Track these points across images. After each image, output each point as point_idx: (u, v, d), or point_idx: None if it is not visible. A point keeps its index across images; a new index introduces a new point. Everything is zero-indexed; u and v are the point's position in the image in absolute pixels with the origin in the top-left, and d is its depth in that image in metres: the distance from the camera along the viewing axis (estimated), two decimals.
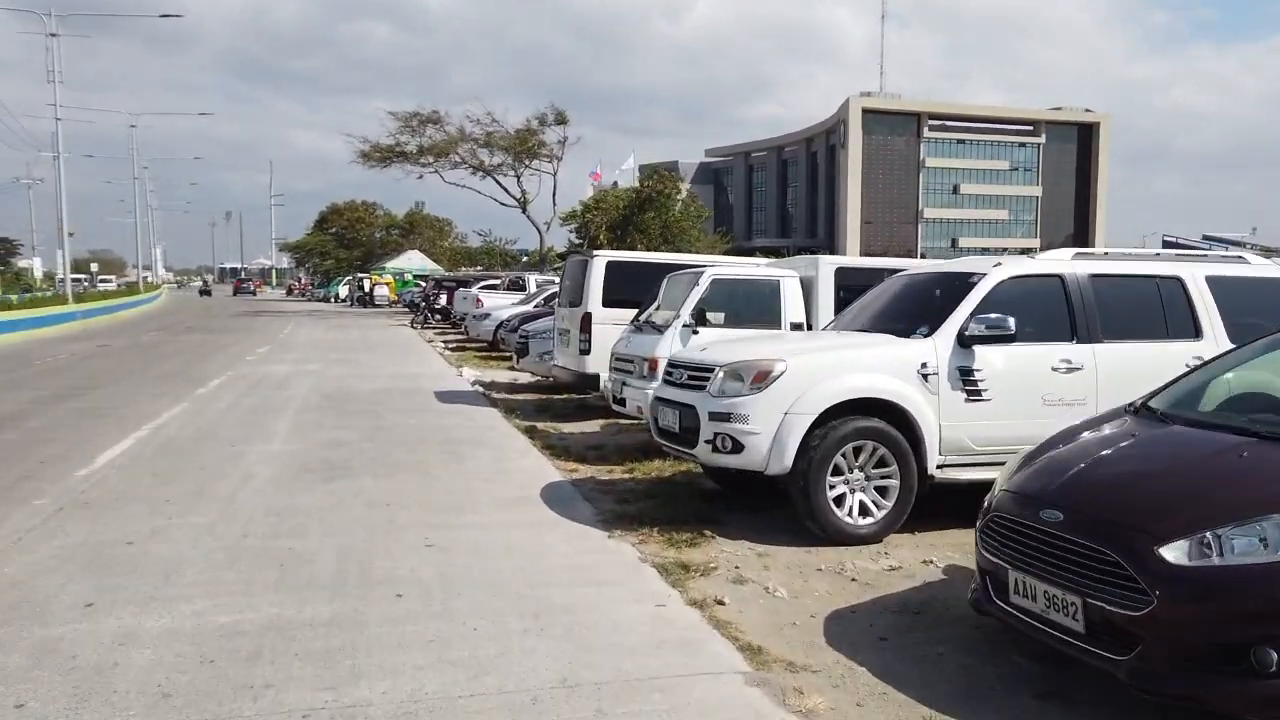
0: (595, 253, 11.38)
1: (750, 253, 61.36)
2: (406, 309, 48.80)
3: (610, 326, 11.15)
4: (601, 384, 11.07)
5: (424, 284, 55.04)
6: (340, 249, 72.42)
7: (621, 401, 9.09)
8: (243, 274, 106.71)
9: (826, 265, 8.86)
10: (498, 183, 40.96)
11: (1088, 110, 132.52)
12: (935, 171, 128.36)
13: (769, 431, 5.59)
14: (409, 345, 23.99)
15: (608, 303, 11.25)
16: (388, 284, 55.07)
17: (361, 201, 71.67)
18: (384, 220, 71.64)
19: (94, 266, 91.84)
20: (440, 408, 11.90)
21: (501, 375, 16.99)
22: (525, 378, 15.73)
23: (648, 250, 44.58)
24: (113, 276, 75.02)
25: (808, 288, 8.91)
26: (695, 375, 6.20)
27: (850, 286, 8.92)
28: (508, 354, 20.50)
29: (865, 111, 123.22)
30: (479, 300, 26.06)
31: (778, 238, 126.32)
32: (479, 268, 64.51)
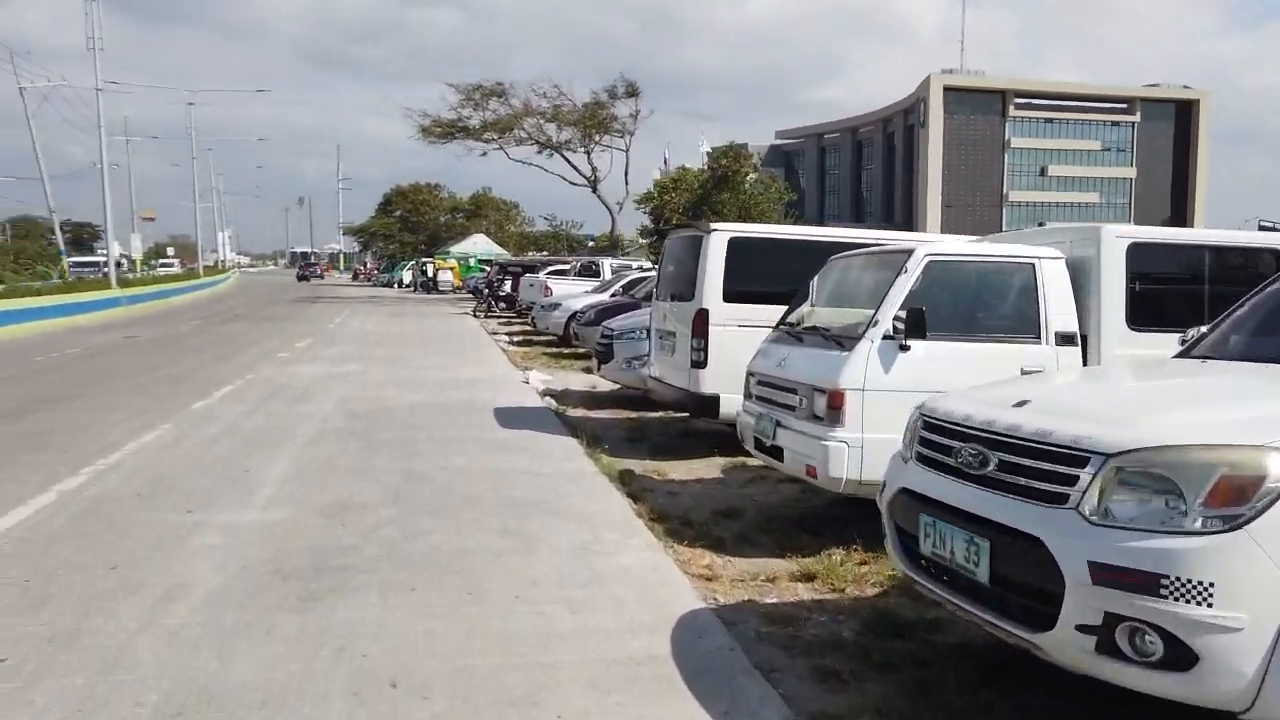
0: (713, 226, 8.17)
1: None
2: (470, 295, 46.28)
3: (733, 329, 7.98)
4: (724, 411, 7.90)
5: (488, 269, 52.58)
6: (404, 232, 70.39)
7: (775, 451, 5.88)
8: (311, 258, 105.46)
9: (1113, 239, 5.49)
10: (566, 159, 38.05)
11: (1185, 87, 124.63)
12: (1021, 152, 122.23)
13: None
14: (469, 338, 21.10)
15: (731, 296, 8.07)
16: (451, 269, 52.61)
17: (426, 184, 69.49)
18: (449, 203, 69.33)
19: (170, 250, 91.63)
20: (500, 436, 8.84)
21: (576, 380, 13.93)
22: (605, 384, 12.64)
23: None
24: (175, 261, 74.12)
25: (1079, 273, 5.57)
26: (1036, 455, 2.93)
27: (1150, 274, 5.56)
28: (581, 350, 17.54)
29: (947, 90, 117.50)
30: (547, 288, 23.07)
31: (851, 222, 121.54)
32: (544, 253, 61.82)
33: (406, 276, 57.97)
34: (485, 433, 8.96)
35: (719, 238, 8.13)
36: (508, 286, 31.56)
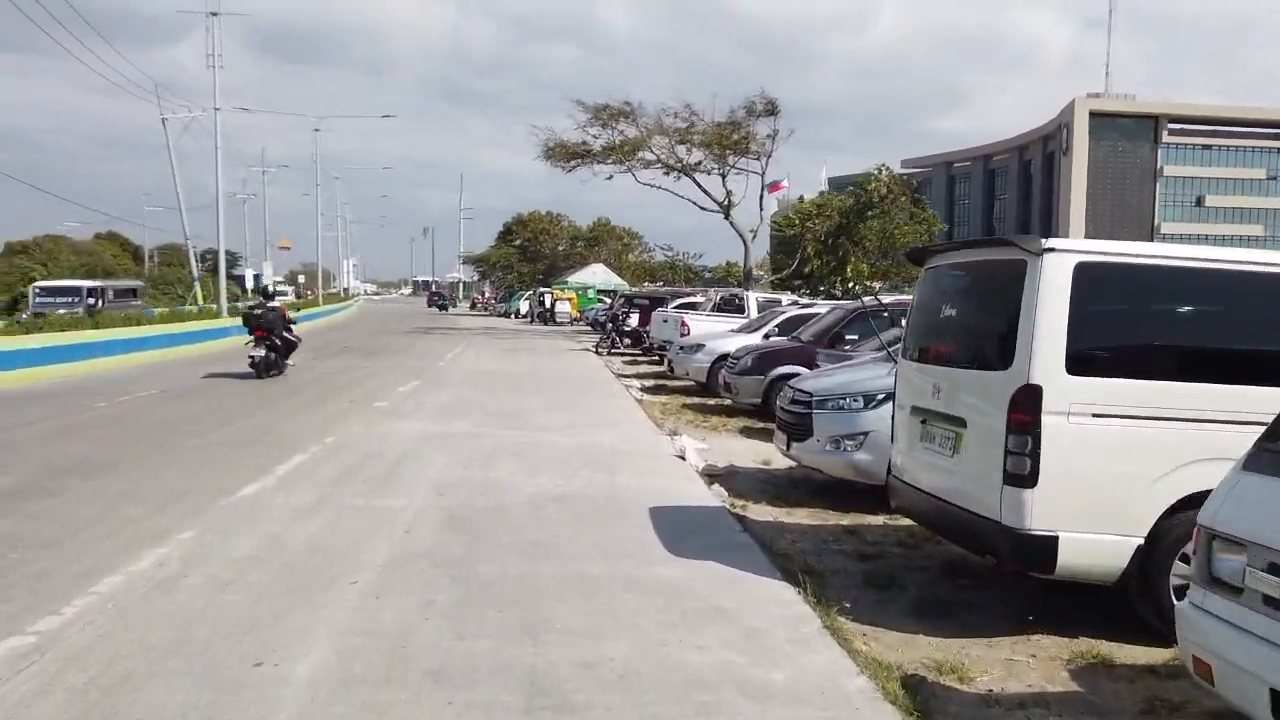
0: (1048, 243, 4.80)
1: None
2: (590, 328, 43.77)
3: (1086, 422, 4.65)
4: (1065, 563, 4.58)
5: (607, 300, 50.06)
6: (523, 262, 68.87)
7: None
8: (440, 286, 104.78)
9: None
10: (696, 183, 34.98)
11: None
12: (1175, 180, 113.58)
13: None
14: (594, 384, 18.13)
15: (1080, 364, 4.69)
16: (569, 300, 50.38)
17: (546, 212, 67.88)
18: (569, 231, 67.47)
19: (301, 279, 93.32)
20: (671, 576, 5.62)
21: (738, 449, 10.72)
22: (777, 457, 9.39)
23: (860, 266, 37.52)
24: (289, 289, 74.54)
25: None
26: None
27: None
28: (730, 404, 14.39)
29: (1093, 114, 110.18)
30: (684, 325, 19.96)
31: (909, 261, 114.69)
32: (659, 284, 59.12)
33: (523, 307, 56.10)
34: (646, 565, 5.76)
35: (1059, 262, 4.75)
36: (633, 321, 28.69)
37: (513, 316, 57.24)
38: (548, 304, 49.78)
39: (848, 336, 13.57)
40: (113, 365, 19.52)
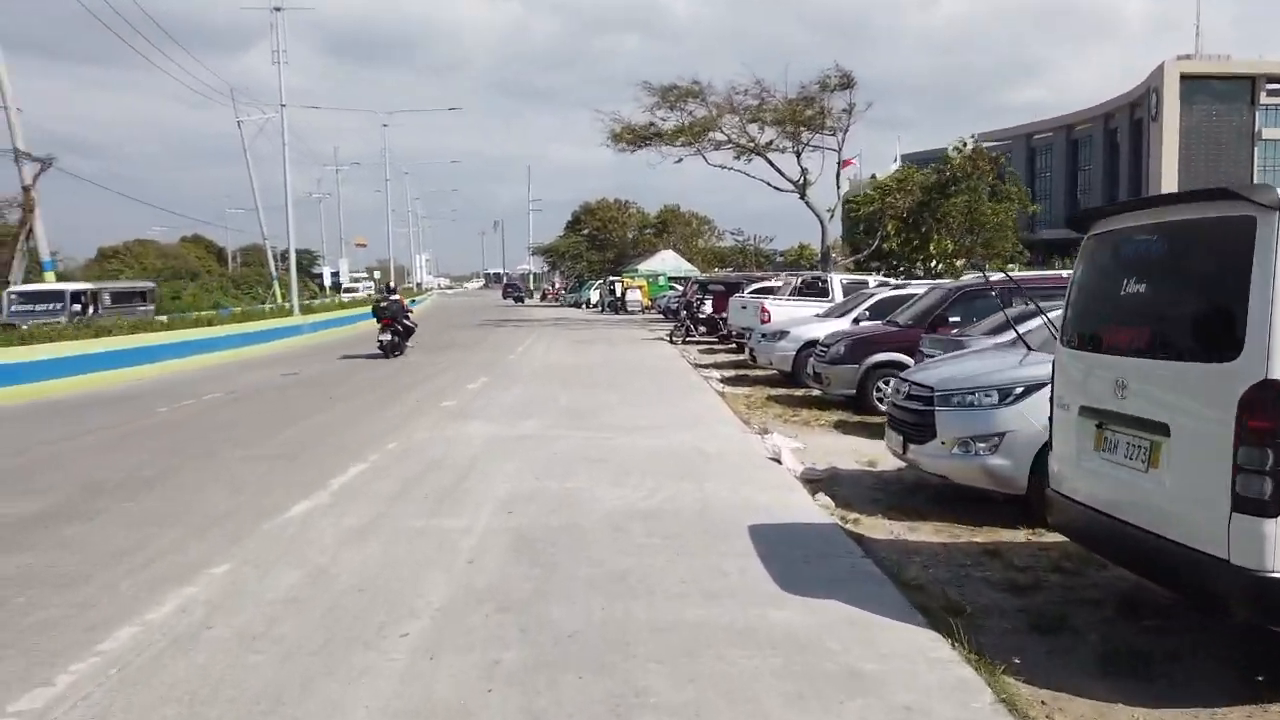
0: None
1: (1032, 247, 50.43)
2: (661, 316, 42.78)
3: None
4: None
5: (679, 287, 48.97)
6: (592, 251, 68.17)
7: None
8: (516, 278, 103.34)
9: None
10: (770, 163, 33.61)
11: None
12: (1275, 145, 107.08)
13: None
14: (672, 375, 17.13)
15: None
16: (640, 288, 49.45)
17: (614, 200, 67.02)
18: (637, 219, 66.51)
19: (376, 274, 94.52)
20: (788, 623, 4.58)
21: (835, 448, 9.62)
22: (881, 456, 8.29)
23: (944, 244, 35.63)
24: (358, 286, 75.08)
25: None
26: None
27: None
28: (818, 394, 13.35)
29: (1185, 77, 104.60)
30: (765, 311, 18.82)
31: (1067, 228, 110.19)
32: (729, 269, 57.75)
33: (594, 296, 55.39)
34: (756, 606, 4.73)
35: None
36: (708, 308, 27.61)
37: (583, 306, 56.60)
38: (618, 293, 48.93)
39: (951, 319, 12.33)
40: (183, 367, 19.25)
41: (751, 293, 25.28)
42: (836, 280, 19.82)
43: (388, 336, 20.40)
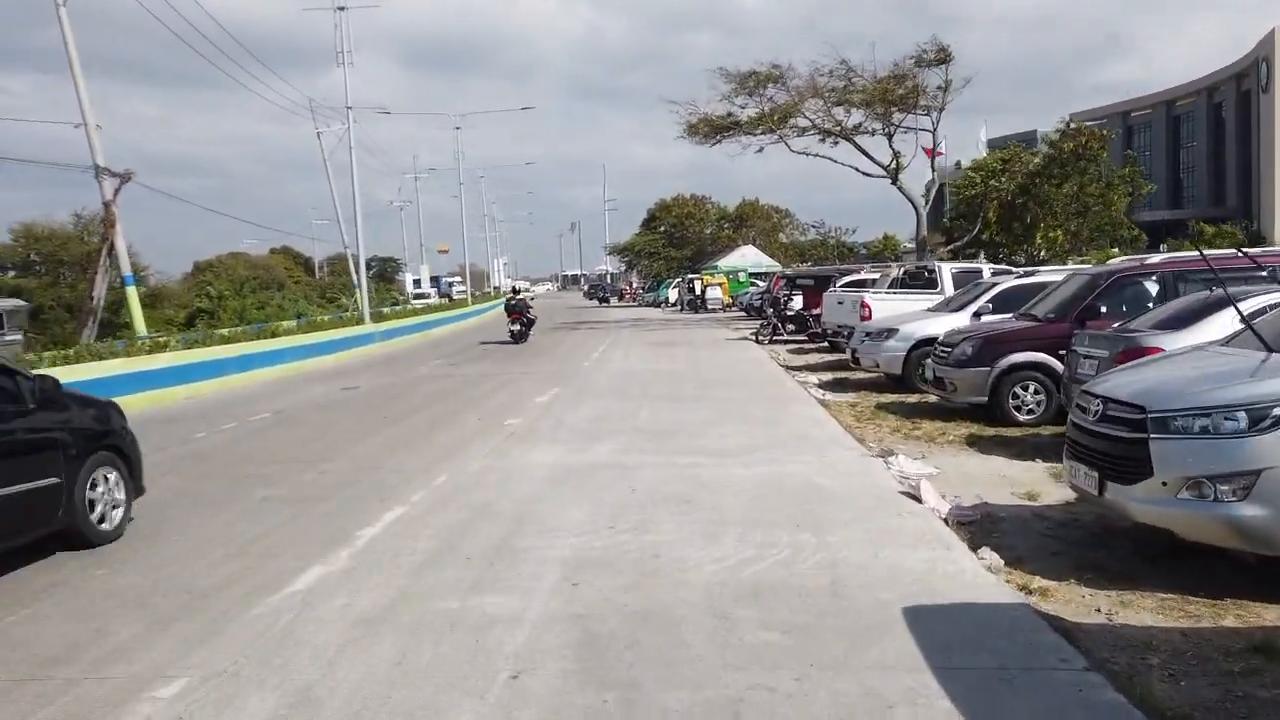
0: None
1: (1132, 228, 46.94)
2: (744, 314, 40.89)
3: None
4: None
5: (760, 283, 46.94)
6: (669, 248, 66.50)
7: None
8: (592, 279, 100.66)
9: None
10: (858, 147, 31.40)
11: None
12: None
13: None
14: (764, 381, 15.32)
15: None
16: (720, 285, 47.62)
17: (691, 195, 65.19)
18: (714, 214, 64.55)
19: (452, 279, 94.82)
20: None
21: (976, 469, 7.81)
22: (1036, 482, 6.41)
23: (1053, 232, 32.78)
24: (431, 291, 74.88)
25: None
26: None
27: None
28: (930, 398, 11.48)
29: None
30: (866, 307, 16.86)
31: (1169, 208, 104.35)
32: (808, 263, 55.42)
33: (672, 295, 53.71)
34: None
35: None
36: (796, 304, 25.64)
37: (662, 306, 54.98)
38: (697, 290, 47.18)
39: (1103, 310, 10.29)
40: (245, 382, 18.27)
41: (845, 286, 23.29)
42: (945, 270, 17.69)
43: (517, 326, 26.36)
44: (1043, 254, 31.78)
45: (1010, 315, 12.23)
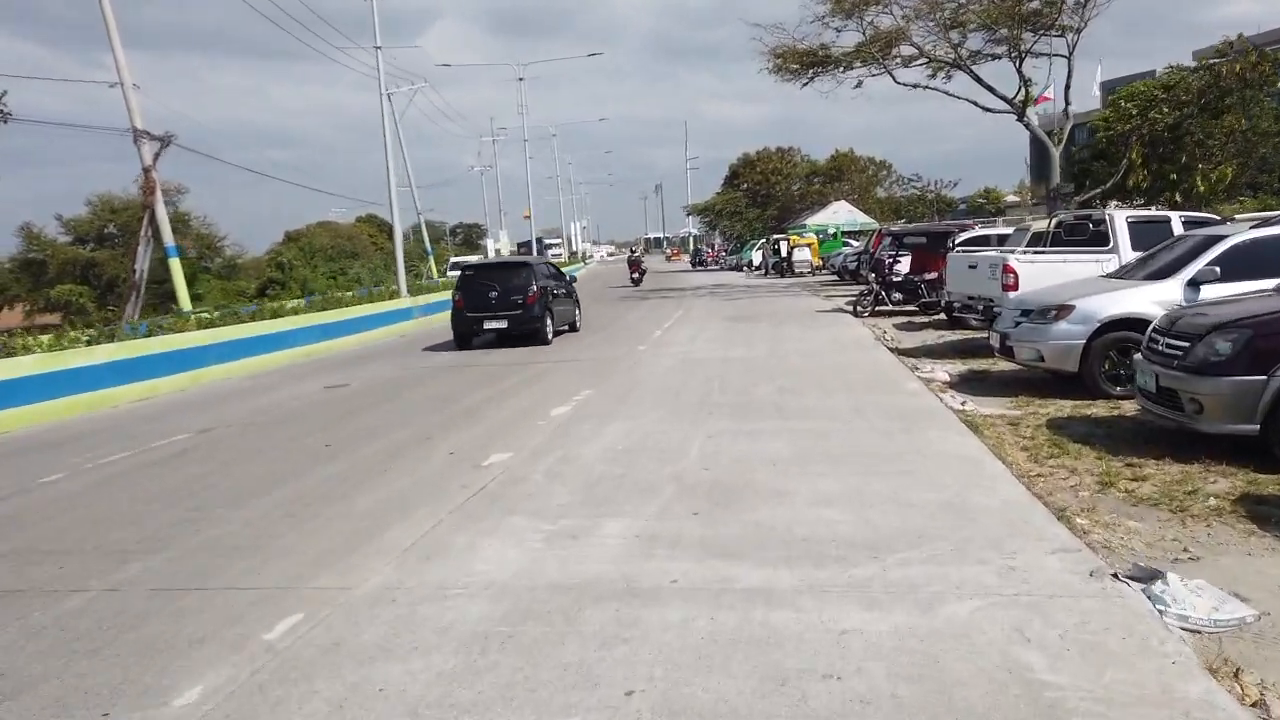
0: None
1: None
2: (836, 277, 36.28)
3: None
4: None
5: (854, 243, 42.06)
6: (752, 207, 61.64)
7: None
8: (701, 245, 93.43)
9: None
10: (976, 78, 26.41)
11: None
12: None
13: None
14: (875, 377, 11.08)
15: None
16: (809, 246, 42.91)
17: (777, 149, 60.05)
18: (803, 168, 59.31)
19: (556, 242, 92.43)
20: None
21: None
22: None
23: (1224, 171, 27.20)
24: (469, 259, 71.51)
25: None
26: None
27: None
28: (1127, 407, 7.20)
29: None
30: (1010, 272, 12.46)
31: None
32: (902, 221, 50.05)
33: (756, 258, 49.16)
34: None
35: None
36: (903, 267, 21.13)
37: (745, 269, 50.48)
38: (783, 252, 42.60)
39: None
40: (222, 375, 15.02)
41: (963, 244, 18.75)
42: (1120, 220, 13.04)
43: (636, 275, 40.26)
44: (1205, 198, 26.32)
45: (1268, 286, 7.80)
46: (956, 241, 19.06)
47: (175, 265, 27.94)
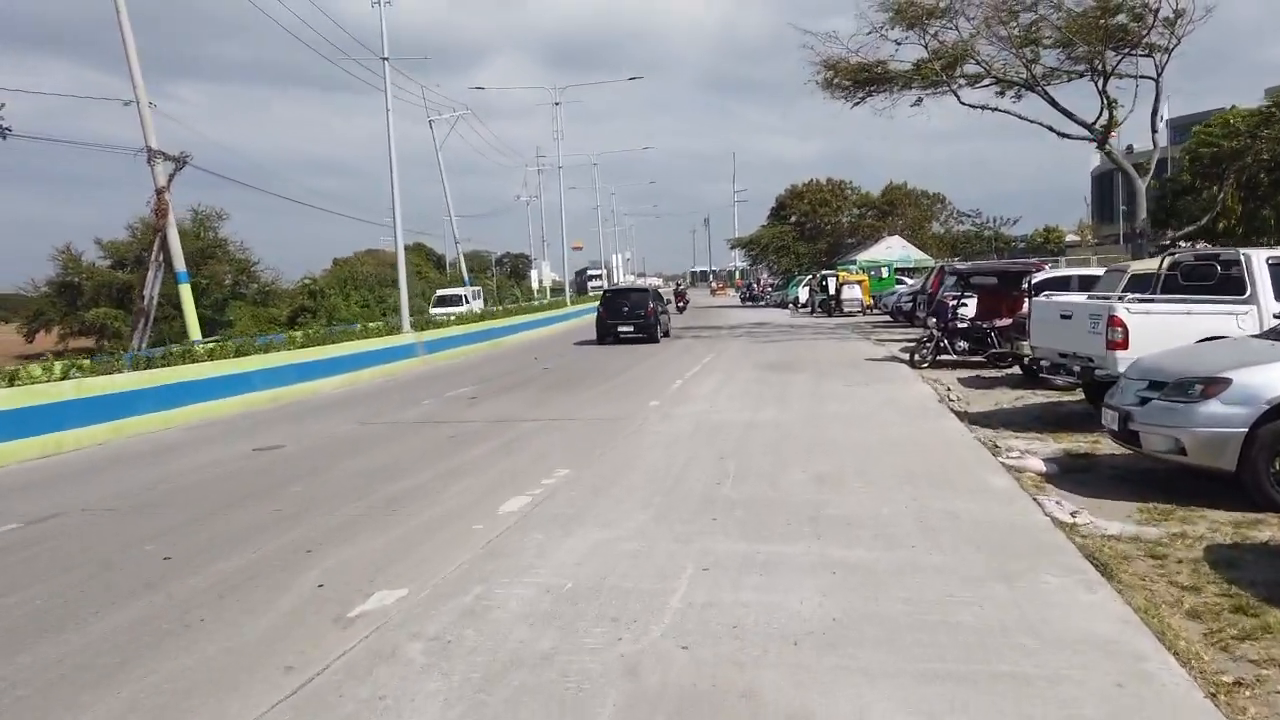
0: None
1: None
2: (889, 318, 33.41)
3: None
4: None
5: (909, 280, 39.16)
6: (800, 242, 58.85)
7: None
8: (751, 280, 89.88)
9: None
10: (1051, 102, 23.60)
11: None
12: None
13: None
14: (942, 462, 8.27)
15: None
16: (860, 283, 40.09)
17: (827, 180, 57.30)
18: (855, 199, 56.44)
19: (599, 274, 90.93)
20: None
21: None
22: None
23: None
24: (463, 294, 69.95)
25: None
26: None
27: None
28: None
29: None
30: (1119, 326, 9.66)
31: None
32: (957, 258, 46.92)
33: (802, 294, 46.34)
34: None
35: None
36: (969, 310, 18.28)
37: (790, 307, 47.67)
38: (831, 289, 39.83)
39: None
40: (161, 424, 12.76)
41: (1043, 285, 15.94)
42: (1260, 261, 10.18)
43: (681, 304, 47.83)
44: None
45: None
46: (1033, 282, 16.24)
47: (185, 292, 26.03)
